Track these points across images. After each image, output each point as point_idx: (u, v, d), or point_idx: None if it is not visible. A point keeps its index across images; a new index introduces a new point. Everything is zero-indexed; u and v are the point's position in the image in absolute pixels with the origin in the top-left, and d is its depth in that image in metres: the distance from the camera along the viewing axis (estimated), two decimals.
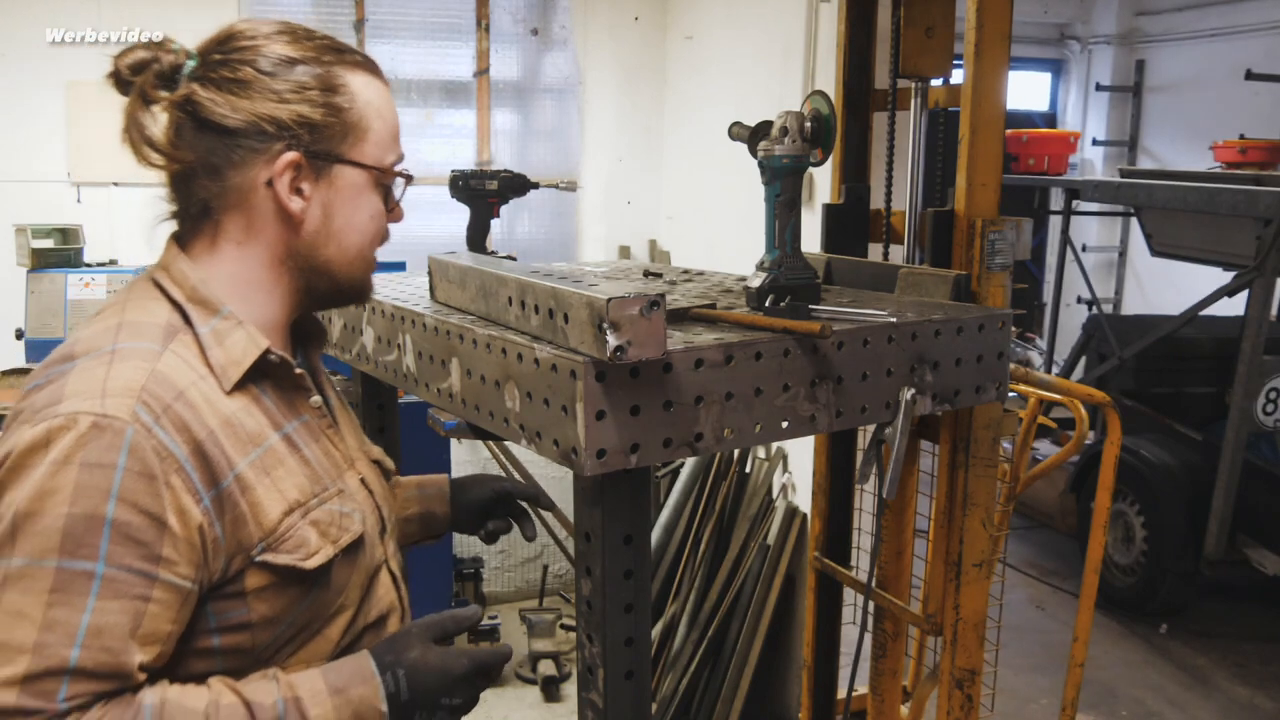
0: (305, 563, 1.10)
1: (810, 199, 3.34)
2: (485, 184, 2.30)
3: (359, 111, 1.16)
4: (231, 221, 1.15)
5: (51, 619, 0.94)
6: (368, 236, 1.21)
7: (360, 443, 1.35)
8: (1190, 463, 4.91)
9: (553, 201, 4.92)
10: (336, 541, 1.14)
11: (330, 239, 1.18)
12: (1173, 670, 4.55)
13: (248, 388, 1.12)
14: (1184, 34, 7.83)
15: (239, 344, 1.12)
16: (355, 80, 1.17)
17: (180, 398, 1.04)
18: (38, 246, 3.85)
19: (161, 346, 1.08)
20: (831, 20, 3.23)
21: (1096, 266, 8.09)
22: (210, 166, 1.13)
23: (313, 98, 1.13)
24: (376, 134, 1.18)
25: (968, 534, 2.03)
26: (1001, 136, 1.98)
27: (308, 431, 1.19)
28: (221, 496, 1.04)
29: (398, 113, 1.24)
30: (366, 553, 1.21)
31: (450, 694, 1.14)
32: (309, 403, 1.21)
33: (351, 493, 1.22)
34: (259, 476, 1.08)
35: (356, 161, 1.17)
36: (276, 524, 1.09)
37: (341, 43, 1.20)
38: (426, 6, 4.67)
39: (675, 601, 3.91)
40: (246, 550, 1.06)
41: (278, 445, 1.12)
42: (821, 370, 1.50)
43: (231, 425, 1.08)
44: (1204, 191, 4.83)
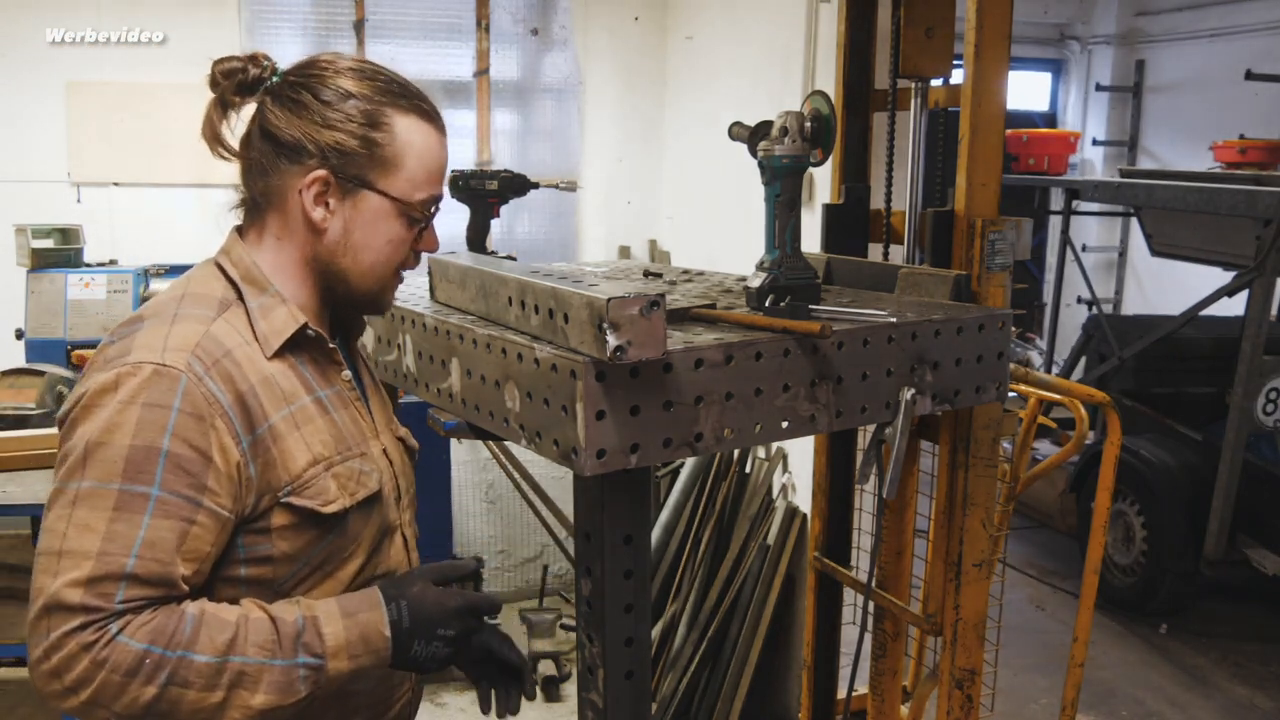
0: (324, 508, 1.27)
1: (810, 199, 3.34)
2: (485, 184, 2.30)
3: (396, 149, 1.31)
4: (272, 218, 1.34)
5: (113, 532, 1.12)
6: (383, 256, 1.35)
7: (389, 421, 1.51)
8: (1190, 463, 4.90)
9: (553, 201, 4.91)
10: (354, 494, 1.31)
11: (347, 251, 1.33)
12: (1173, 670, 4.55)
13: (286, 356, 1.30)
14: (1184, 34, 7.82)
15: (280, 317, 1.31)
16: (403, 122, 1.31)
17: (228, 355, 1.23)
18: (38, 246, 3.85)
19: (216, 314, 1.27)
20: (831, 20, 3.23)
21: (1096, 266, 8.09)
22: (261, 167, 1.31)
23: (352, 130, 1.29)
24: (410, 172, 1.32)
25: (968, 534, 2.03)
26: (1001, 136, 1.98)
27: (338, 400, 1.36)
28: (257, 441, 1.22)
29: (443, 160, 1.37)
30: (381, 511, 1.37)
31: (446, 625, 1.28)
32: (341, 376, 1.38)
33: (373, 458, 1.38)
34: (290, 429, 1.26)
35: (382, 191, 1.31)
36: (302, 471, 1.26)
37: (411, 88, 1.35)
38: (426, 6, 4.66)
39: (675, 601, 3.91)
40: (275, 491, 1.24)
41: (309, 406, 1.30)
42: (821, 370, 1.50)
43: (270, 383, 1.26)
44: (1204, 191, 4.83)
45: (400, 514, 1.45)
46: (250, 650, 1.15)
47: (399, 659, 1.26)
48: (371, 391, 1.49)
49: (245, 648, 1.15)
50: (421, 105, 1.35)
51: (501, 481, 4.70)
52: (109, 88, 4.32)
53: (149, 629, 1.11)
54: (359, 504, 1.32)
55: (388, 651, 1.24)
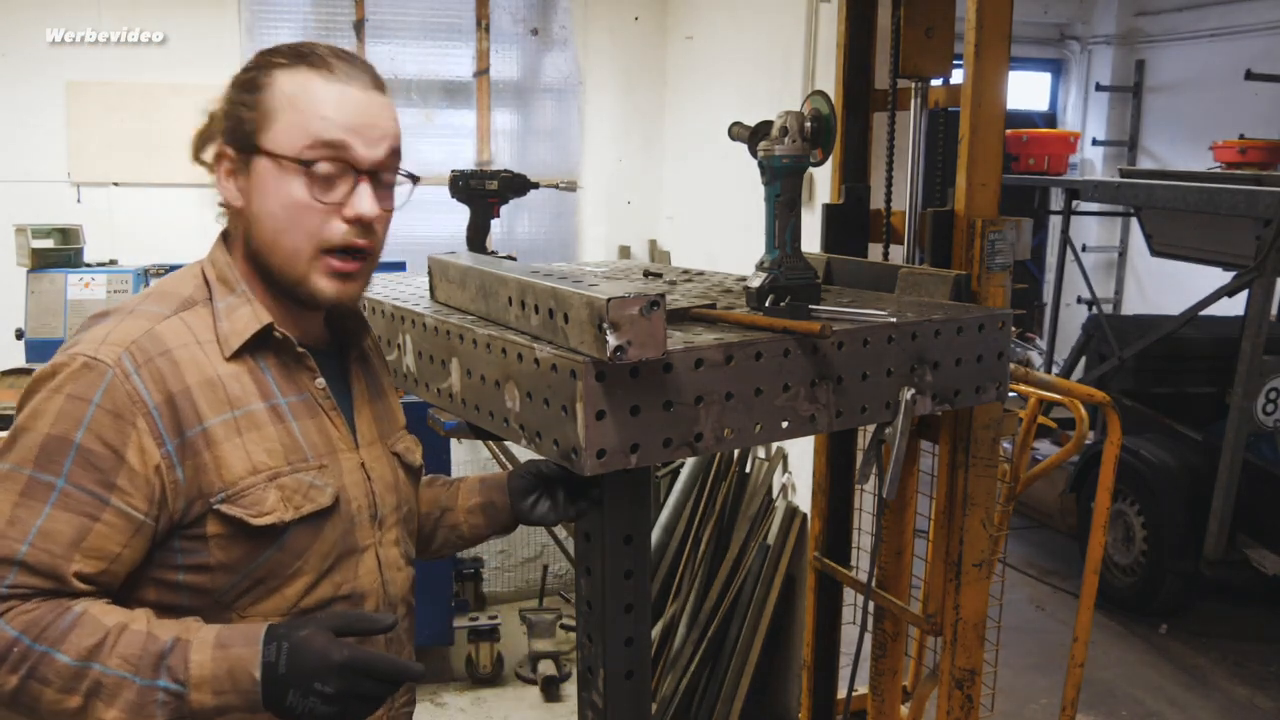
0: (255, 519, 1.21)
1: (810, 199, 3.34)
2: (485, 184, 2.30)
3: (273, 102, 1.23)
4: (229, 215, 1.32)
5: (15, 516, 1.12)
6: (283, 223, 1.25)
7: (385, 434, 1.43)
8: (1190, 463, 4.90)
9: (553, 201, 4.91)
10: (298, 508, 1.24)
11: (254, 225, 1.27)
12: (1173, 670, 4.55)
13: (246, 359, 1.25)
14: (1184, 34, 7.82)
15: (243, 318, 1.26)
16: (284, 75, 1.24)
17: (165, 354, 1.20)
18: (38, 246, 3.85)
19: (171, 312, 1.24)
20: (831, 20, 3.23)
21: (1096, 266, 8.09)
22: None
23: (237, 97, 1.26)
24: (287, 121, 1.23)
25: (968, 534, 2.03)
26: (1001, 136, 1.98)
27: (303, 408, 1.29)
28: (186, 444, 1.18)
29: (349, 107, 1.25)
30: (336, 528, 1.29)
31: (324, 680, 1.12)
32: (313, 383, 1.31)
33: (337, 471, 1.30)
34: (229, 435, 1.21)
35: (264, 149, 1.24)
36: (238, 479, 1.20)
37: (309, 48, 1.27)
38: (426, 6, 4.67)
39: (675, 601, 3.91)
40: (206, 496, 1.19)
41: (259, 412, 1.24)
42: (821, 370, 1.50)
43: (213, 385, 1.21)
44: (1204, 191, 4.83)
45: (376, 533, 1.36)
46: (113, 661, 1.10)
47: (273, 706, 1.13)
48: (364, 402, 1.41)
49: (108, 657, 1.10)
50: (311, 58, 1.26)
51: None
52: (109, 88, 4.33)
53: (26, 619, 1.10)
54: (302, 519, 1.25)
55: (257, 694, 1.12)
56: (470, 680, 4.21)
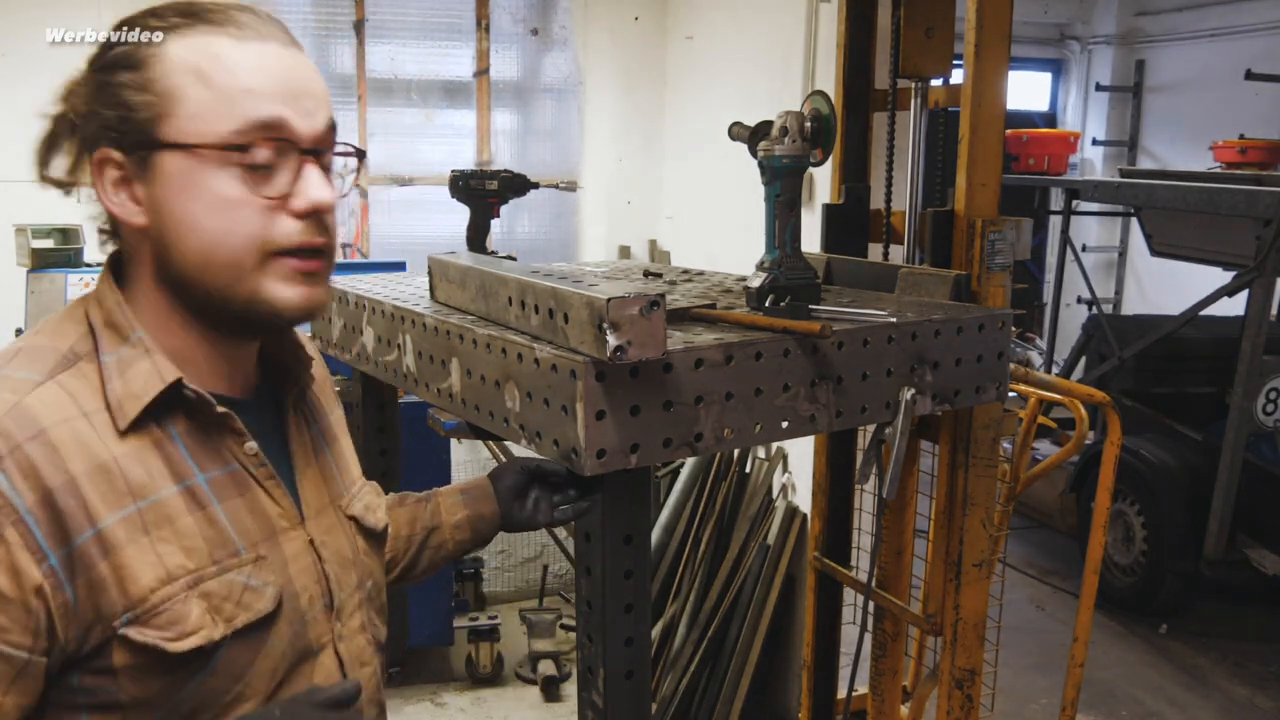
0: (174, 644, 0.92)
1: (810, 199, 3.34)
2: (485, 184, 2.30)
3: (170, 79, 0.96)
4: (123, 241, 1.04)
5: None
6: (217, 231, 0.96)
7: (337, 494, 1.15)
8: (1190, 463, 4.91)
9: (553, 201, 4.92)
10: (230, 620, 0.96)
11: (171, 243, 0.97)
12: (1173, 670, 4.55)
13: (150, 429, 0.95)
14: (1184, 34, 7.83)
15: (140, 375, 0.96)
16: (178, 44, 0.97)
17: (39, 437, 0.89)
18: (38, 246, 3.85)
19: (44, 376, 0.94)
20: (831, 20, 3.23)
21: (1096, 266, 8.09)
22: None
23: (116, 79, 0.98)
24: (196, 102, 0.95)
25: (968, 534, 2.03)
26: (1001, 136, 1.98)
27: (231, 483, 1.00)
28: (74, 555, 0.88)
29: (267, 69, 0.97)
30: (281, 634, 1.01)
31: None
32: (242, 449, 1.02)
33: (279, 561, 1.02)
34: (133, 535, 0.91)
35: (170, 142, 0.95)
36: (148, 593, 0.91)
37: (188, 3, 1.01)
38: (426, 6, 4.67)
39: (675, 601, 3.91)
40: (107, 620, 0.90)
41: (171, 499, 0.95)
42: (821, 370, 1.50)
43: (107, 472, 0.91)
44: (1204, 191, 4.83)
45: (335, 626, 1.08)
46: None
47: None
48: (308, 460, 1.12)
49: None
50: (207, 14, 0.98)
51: None
52: None
53: None
54: (240, 632, 0.96)
55: None
56: (470, 680, 4.21)
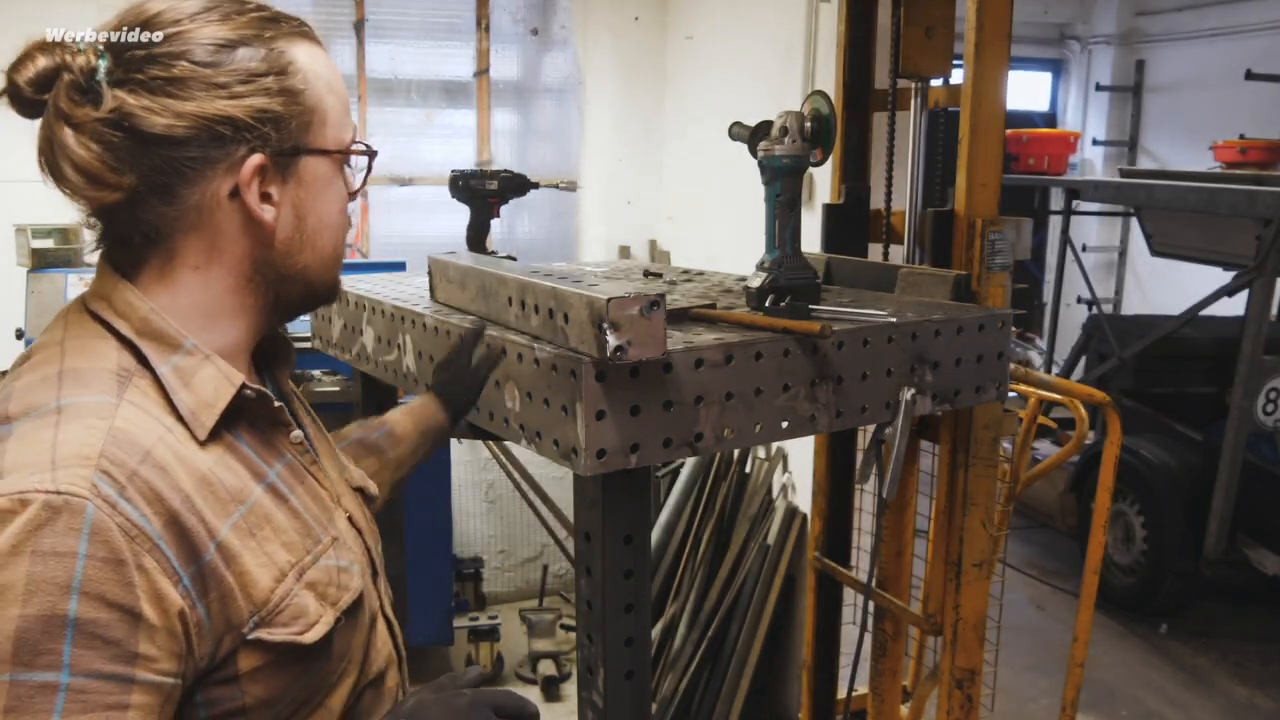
0: (304, 636, 0.95)
1: (810, 199, 3.34)
2: (485, 184, 2.30)
3: (314, 91, 1.00)
4: (189, 244, 0.97)
5: None
6: (340, 231, 1.07)
7: (341, 471, 1.19)
8: (1190, 463, 4.90)
9: (553, 201, 4.92)
10: (337, 604, 1.00)
11: (305, 244, 1.02)
12: (1173, 670, 4.55)
13: (222, 434, 0.95)
14: (1184, 34, 7.82)
15: (209, 382, 0.95)
16: (301, 54, 1.00)
17: (147, 459, 0.87)
18: (38, 246, 3.85)
19: (116, 397, 0.90)
20: (831, 20, 3.23)
21: (1096, 266, 8.09)
22: (160, 187, 0.94)
23: (267, 85, 0.96)
24: (334, 112, 1.03)
25: (968, 534, 2.04)
26: (1001, 136, 1.99)
27: (291, 474, 1.03)
28: (204, 572, 0.88)
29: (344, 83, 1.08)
30: (365, 608, 1.07)
31: None
32: (290, 439, 1.04)
33: (345, 539, 1.07)
34: (244, 541, 0.92)
35: (322, 149, 1.01)
36: (269, 594, 0.93)
37: (272, 8, 1.03)
38: (426, 6, 4.67)
39: (675, 601, 3.91)
40: (237, 628, 0.91)
41: (263, 499, 0.96)
42: (821, 370, 1.50)
43: (209, 484, 0.91)
44: (1204, 191, 4.83)
45: (379, 592, 1.15)
46: None
47: None
48: (319, 441, 1.16)
49: None
50: (299, 26, 1.03)
51: (501, 481, 4.70)
52: None
53: None
54: (345, 612, 1.01)
55: None
56: None
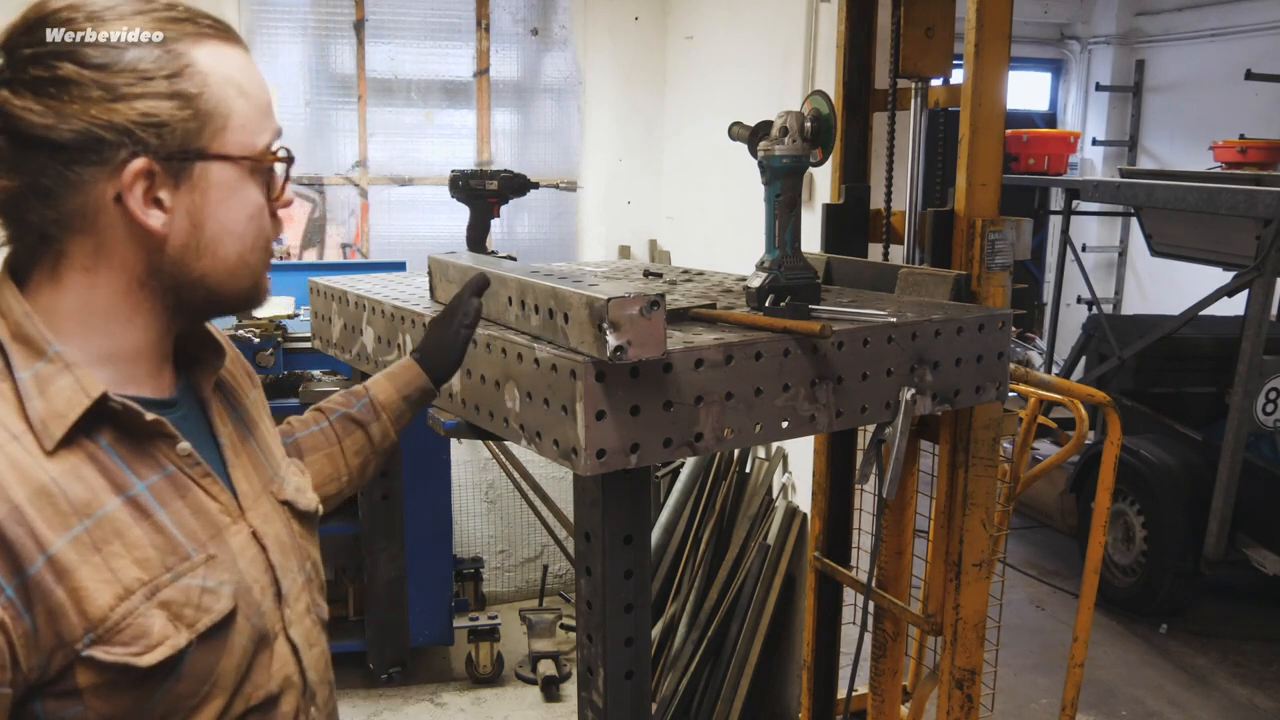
0: (141, 659, 0.91)
1: (810, 199, 3.34)
2: (485, 184, 2.30)
3: (215, 94, 0.96)
4: (76, 246, 0.95)
5: None
6: (249, 240, 1.02)
7: (268, 479, 1.13)
8: (1190, 463, 4.91)
9: (553, 201, 4.92)
10: (193, 625, 0.95)
11: (203, 251, 0.98)
12: (1173, 670, 4.55)
13: (80, 443, 0.92)
14: (1184, 34, 7.83)
15: (63, 392, 0.92)
16: (204, 55, 0.97)
17: None
18: None
19: None
20: (831, 20, 3.23)
21: (1096, 266, 8.10)
22: (41, 190, 0.92)
23: (157, 89, 0.94)
24: (241, 116, 0.98)
25: (968, 534, 2.04)
26: (1001, 136, 1.99)
27: (169, 487, 0.98)
28: (28, 585, 0.86)
29: (265, 85, 1.03)
30: (242, 630, 1.01)
31: None
32: (175, 451, 0.99)
33: (228, 558, 1.01)
34: (85, 555, 0.89)
35: (222, 154, 0.97)
36: (107, 612, 0.89)
37: (183, 6, 1.00)
38: (426, 6, 4.67)
39: (675, 601, 3.91)
40: (70, 644, 0.88)
41: (117, 513, 0.92)
42: (821, 370, 1.50)
43: (49, 495, 0.89)
44: (1204, 191, 4.83)
45: (285, 610, 1.08)
46: None
47: None
48: (236, 450, 1.09)
49: None
50: (213, 26, 1.00)
51: (501, 481, 4.70)
52: None
53: None
54: (204, 634, 0.95)
55: None
56: (470, 680, 4.21)
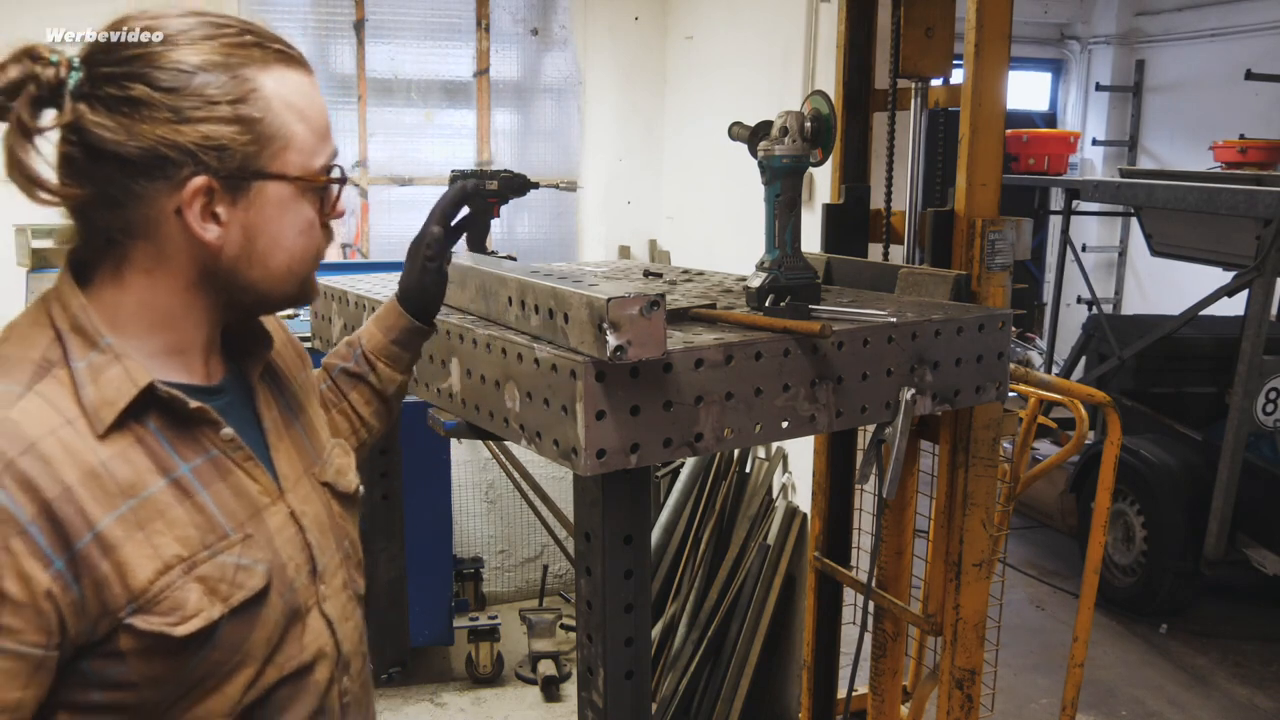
0: (176, 629, 0.99)
1: (810, 199, 3.34)
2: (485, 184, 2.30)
3: (276, 119, 1.04)
4: (138, 250, 1.04)
5: None
6: (298, 251, 1.09)
7: (310, 463, 1.21)
8: (1190, 463, 4.91)
9: (553, 201, 4.92)
10: (227, 599, 1.03)
11: (254, 263, 1.06)
12: (1172, 670, 4.55)
13: (129, 428, 1.00)
14: (1184, 34, 7.83)
15: (113, 381, 1.00)
16: (269, 81, 1.05)
17: (30, 450, 0.94)
18: (38, 246, 3.85)
19: (24, 388, 0.98)
20: (831, 20, 3.23)
21: (1096, 266, 8.10)
22: (109, 198, 1.01)
23: (220, 114, 1.01)
24: (300, 139, 1.06)
25: (968, 534, 2.03)
26: (1001, 136, 1.98)
27: (212, 470, 1.06)
28: (77, 559, 0.94)
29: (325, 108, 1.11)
30: (274, 605, 1.08)
31: None
32: (219, 436, 1.07)
33: (265, 537, 1.09)
34: (129, 532, 0.97)
35: (279, 174, 1.05)
36: (148, 585, 0.98)
37: (255, 31, 1.08)
38: (426, 6, 4.67)
39: (675, 601, 3.91)
40: (113, 612, 0.97)
41: (160, 494, 1.00)
42: (821, 370, 1.50)
43: (97, 477, 0.97)
44: (1204, 191, 4.83)
45: (320, 586, 1.16)
46: None
47: None
48: (279, 435, 1.18)
49: None
50: (279, 51, 1.07)
51: (501, 481, 4.70)
52: None
53: None
54: (237, 609, 1.03)
55: None
56: (470, 680, 4.21)
